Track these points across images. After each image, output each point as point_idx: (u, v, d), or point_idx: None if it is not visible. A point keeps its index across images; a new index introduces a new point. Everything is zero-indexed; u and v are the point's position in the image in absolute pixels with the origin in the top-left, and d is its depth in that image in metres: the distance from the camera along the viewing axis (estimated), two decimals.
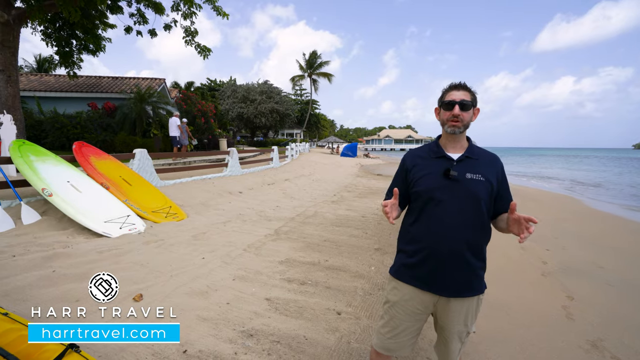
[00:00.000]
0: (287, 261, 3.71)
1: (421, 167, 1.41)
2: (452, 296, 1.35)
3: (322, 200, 7.89)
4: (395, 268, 1.49)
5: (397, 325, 1.44)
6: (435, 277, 1.34)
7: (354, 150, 31.91)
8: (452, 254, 1.31)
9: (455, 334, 1.40)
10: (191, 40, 10.08)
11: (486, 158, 1.40)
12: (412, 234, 1.41)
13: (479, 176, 1.33)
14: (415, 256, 1.38)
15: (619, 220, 7.68)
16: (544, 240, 5.40)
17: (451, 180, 1.32)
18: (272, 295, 2.86)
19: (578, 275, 3.93)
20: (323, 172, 14.70)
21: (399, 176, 1.52)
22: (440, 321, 1.43)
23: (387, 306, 1.49)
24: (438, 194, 1.33)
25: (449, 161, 1.37)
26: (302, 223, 5.55)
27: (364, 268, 3.67)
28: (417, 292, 1.40)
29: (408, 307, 1.42)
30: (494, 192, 1.35)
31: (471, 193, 1.31)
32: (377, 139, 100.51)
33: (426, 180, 1.37)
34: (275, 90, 32.45)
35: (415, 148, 1.53)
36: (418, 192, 1.38)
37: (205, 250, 3.90)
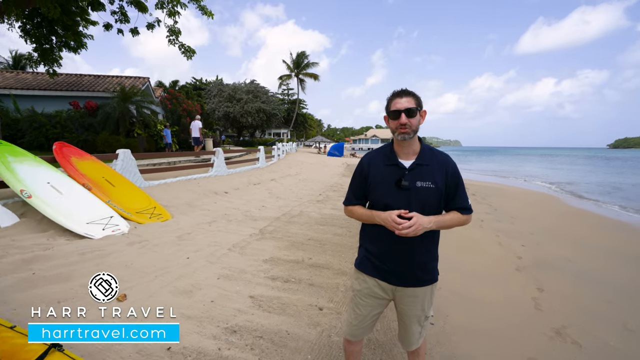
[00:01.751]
0: (272, 260, 3.78)
1: (376, 173, 1.46)
2: (408, 286, 1.49)
3: (308, 200, 7.98)
4: (359, 261, 1.61)
5: (359, 312, 1.57)
6: (392, 272, 1.48)
7: (340, 149, 32.11)
8: (405, 255, 1.44)
9: (414, 317, 1.54)
10: (175, 39, 9.97)
11: (437, 163, 1.43)
12: (370, 234, 1.53)
13: (429, 183, 1.39)
14: (373, 253, 1.51)
15: (590, 216, 8.06)
16: (521, 236, 5.64)
17: (403, 189, 1.39)
18: (256, 292, 2.93)
19: (549, 269, 4.15)
20: (309, 172, 14.78)
21: (358, 180, 1.53)
22: (400, 307, 1.56)
23: (352, 294, 1.62)
24: (390, 202, 1.40)
25: (401, 170, 1.41)
26: (287, 222, 5.62)
27: (346, 265, 3.78)
28: (377, 282, 1.52)
29: (370, 295, 1.54)
30: (443, 196, 1.43)
31: (421, 201, 1.38)
32: (364, 138, 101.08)
33: (380, 188, 1.44)
34: (262, 89, 32.30)
35: (372, 151, 1.54)
36: (374, 200, 1.48)
37: (190, 250, 3.92)
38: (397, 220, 1.32)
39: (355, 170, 1.56)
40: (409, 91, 1.42)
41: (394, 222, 1.33)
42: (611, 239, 5.81)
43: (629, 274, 4.13)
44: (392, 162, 1.44)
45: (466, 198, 1.47)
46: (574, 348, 2.50)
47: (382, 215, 1.39)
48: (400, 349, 2.25)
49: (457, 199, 1.45)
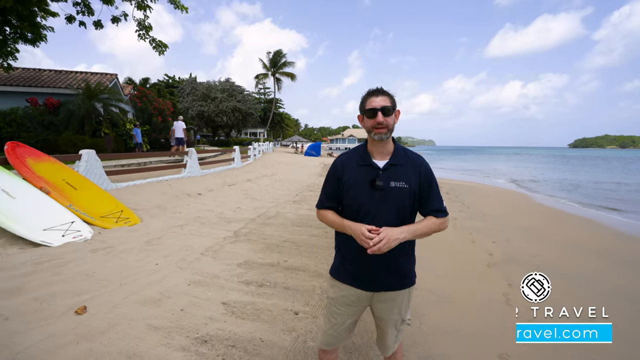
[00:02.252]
0: (246, 263, 3.67)
1: (350, 175, 1.42)
2: (385, 291, 1.45)
3: (284, 201, 7.88)
4: (334, 268, 1.55)
5: (337, 320, 1.52)
6: (368, 277, 1.42)
7: (317, 149, 32.12)
8: (381, 261, 1.40)
9: (391, 322, 1.52)
10: (145, 34, 9.54)
11: (410, 163, 1.41)
12: (345, 237, 1.45)
13: (403, 183, 1.36)
14: (349, 259, 1.46)
15: (554, 213, 8.50)
16: (492, 233, 5.83)
17: (377, 189, 1.36)
18: (229, 298, 2.82)
19: (518, 264, 4.30)
20: (286, 172, 14.65)
21: (331, 182, 1.48)
22: (377, 313, 1.53)
23: (327, 302, 1.57)
24: (365, 203, 1.37)
25: (375, 170, 1.38)
26: (262, 224, 5.50)
27: (322, 267, 3.73)
28: (353, 289, 1.47)
29: (346, 303, 1.49)
30: (417, 197, 1.40)
31: (395, 201, 1.36)
32: (341, 138, 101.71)
33: (354, 190, 1.39)
34: (238, 88, 31.71)
35: (344, 153, 1.50)
36: (348, 202, 1.41)
37: (159, 255, 3.74)
38: (367, 235, 1.28)
39: (329, 172, 1.50)
40: (384, 90, 1.40)
41: (363, 235, 1.29)
42: (573, 234, 6.14)
43: (590, 266, 4.36)
44: (366, 162, 1.41)
45: (441, 200, 1.44)
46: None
47: (353, 226, 1.35)
48: (377, 352, 2.22)
49: (430, 200, 1.42)
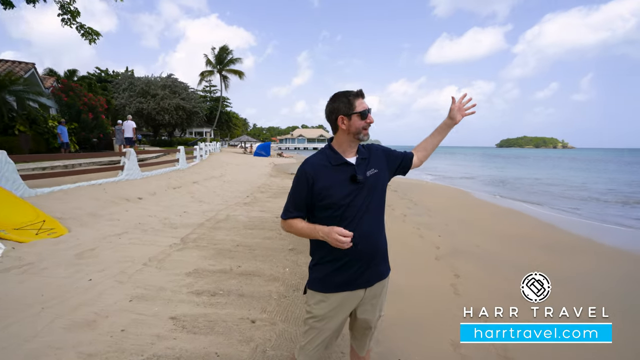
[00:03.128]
0: (196, 272, 3.42)
1: (326, 177, 1.39)
2: (377, 281, 1.47)
3: (235, 203, 7.57)
4: (318, 281, 1.45)
5: (325, 336, 1.45)
6: (362, 274, 1.42)
7: (267, 149, 31.60)
8: (374, 251, 1.43)
9: (373, 321, 1.53)
10: (71, 20, 8.45)
11: (371, 152, 1.51)
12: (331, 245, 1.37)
13: (375, 170, 1.45)
14: (340, 261, 1.40)
15: (488, 206, 9.38)
16: (438, 227, 6.20)
17: (358, 183, 1.38)
18: (178, 312, 2.59)
19: (463, 255, 4.62)
20: (235, 173, 14.15)
21: (301, 189, 1.41)
22: (361, 315, 1.49)
23: (312, 321, 1.45)
24: (350, 199, 1.37)
25: (350, 166, 1.41)
26: (212, 228, 5.21)
27: (278, 270, 3.63)
28: (345, 295, 1.42)
29: (336, 315, 1.44)
30: (387, 172, 1.53)
31: (374, 188, 1.43)
32: (290, 138, 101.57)
33: (336, 189, 1.37)
34: (181, 85, 29.83)
35: (311, 157, 1.46)
36: (331, 202, 1.37)
37: (93, 270, 3.32)
38: (343, 233, 1.28)
39: (297, 180, 1.42)
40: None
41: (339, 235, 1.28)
42: (505, 225, 6.81)
43: (521, 253, 4.85)
44: (341, 161, 1.42)
45: (401, 152, 1.63)
46: None
47: (324, 229, 1.32)
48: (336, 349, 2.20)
49: (397, 156, 1.59)
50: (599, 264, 4.56)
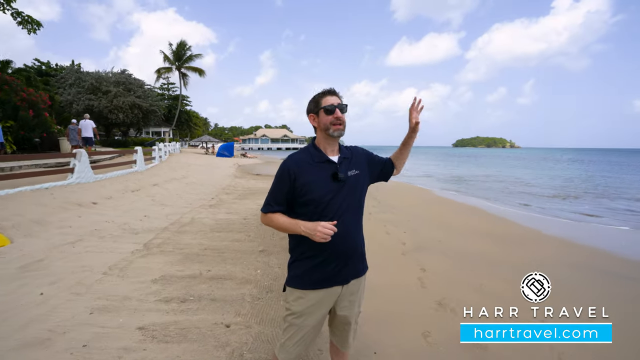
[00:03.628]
0: (163, 278, 3.26)
1: (308, 173, 1.41)
2: (354, 278, 1.51)
3: (199, 205, 7.31)
4: (297, 278, 1.47)
5: (305, 332, 1.46)
6: (340, 271, 1.45)
7: (230, 150, 30.79)
8: (352, 247, 1.47)
9: (353, 317, 1.57)
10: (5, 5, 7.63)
11: (354, 154, 1.56)
12: (311, 242, 1.38)
13: (356, 171, 1.49)
14: (318, 258, 1.42)
15: (448, 203, 9.93)
16: (402, 224, 6.45)
17: (339, 182, 1.41)
18: (146, 322, 2.46)
19: (427, 250, 4.86)
20: (198, 174, 13.64)
21: (283, 184, 1.43)
22: (341, 312, 1.52)
23: (292, 318, 1.46)
24: (331, 197, 1.40)
25: (333, 164, 1.44)
26: (177, 232, 4.99)
27: (250, 272, 3.58)
28: (323, 292, 1.45)
29: (315, 312, 1.45)
30: (368, 176, 1.57)
31: (354, 188, 1.47)
32: (254, 138, 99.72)
33: (318, 185, 1.39)
34: (137, 82, 28.04)
35: (294, 154, 1.49)
36: (312, 199, 1.39)
37: (43, 282, 3.04)
38: (328, 226, 1.31)
39: (280, 175, 1.44)
40: (336, 91, 1.48)
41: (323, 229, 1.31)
42: (464, 220, 7.26)
43: (481, 246, 5.21)
44: (323, 159, 1.45)
45: (383, 157, 1.68)
46: (452, 315, 2.96)
47: (308, 224, 1.34)
48: (314, 347, 2.23)
49: (378, 159, 1.64)
50: (548, 253, 5.03)
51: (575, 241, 5.84)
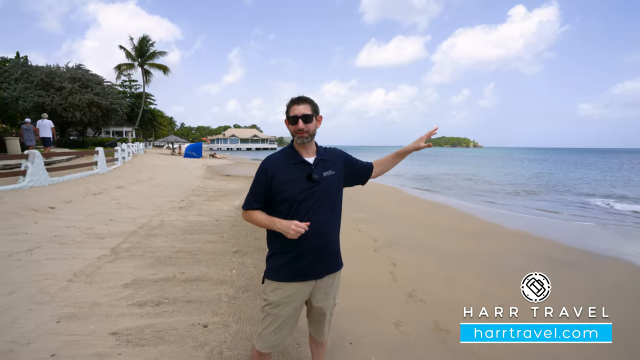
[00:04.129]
0: (135, 282, 3.18)
1: (283, 174, 1.49)
2: (327, 274, 1.59)
3: (169, 208, 7.10)
4: (273, 271, 1.55)
5: (281, 322, 1.53)
6: (313, 267, 1.53)
7: (198, 150, 29.92)
8: (325, 245, 1.54)
9: (328, 309, 1.66)
10: None
11: (331, 155, 1.63)
12: (285, 238, 1.47)
13: (332, 172, 1.57)
14: (290, 253, 1.51)
15: (417, 201, 10.35)
16: (373, 222, 6.67)
17: (314, 182, 1.50)
18: (119, 327, 2.40)
19: (398, 246, 5.07)
20: (165, 176, 13.16)
21: (260, 183, 1.52)
22: (317, 303, 1.61)
23: (269, 308, 1.54)
24: (305, 196, 1.48)
25: (308, 165, 1.52)
26: (147, 236, 4.84)
27: (225, 273, 3.57)
28: (297, 285, 1.53)
29: (290, 302, 1.53)
30: (343, 178, 1.65)
31: (329, 188, 1.55)
32: (222, 138, 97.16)
33: (293, 185, 1.48)
34: (95, 78, 26.34)
35: (272, 154, 1.57)
36: (287, 197, 1.47)
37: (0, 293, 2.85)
38: (300, 225, 1.40)
39: (258, 175, 1.53)
40: (306, 98, 1.53)
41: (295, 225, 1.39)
42: (432, 217, 7.63)
43: (447, 241, 5.52)
44: (299, 160, 1.53)
45: (362, 161, 1.75)
46: (421, 305, 3.15)
47: (283, 222, 1.43)
48: (292, 341, 2.30)
49: (357, 164, 1.72)
50: (509, 245, 5.43)
51: (532, 233, 6.35)
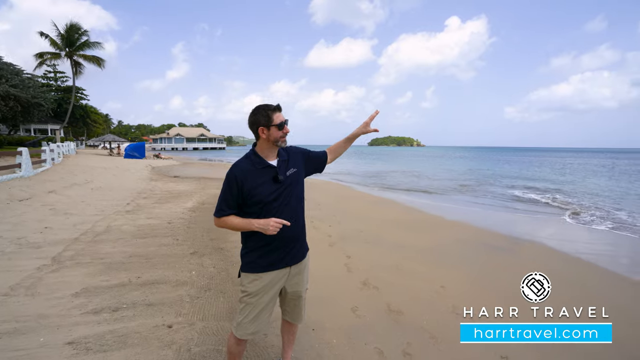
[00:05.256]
0: (86, 291, 3.03)
1: (252, 179, 1.62)
2: (299, 261, 1.79)
3: (114, 212, 6.65)
4: (250, 265, 1.70)
5: (259, 309, 1.69)
6: (286, 255, 1.72)
7: (141, 150, 27.88)
8: (295, 237, 1.74)
9: (303, 291, 1.87)
10: None
11: (290, 154, 1.79)
12: (260, 233, 1.63)
13: (294, 169, 1.75)
14: (267, 248, 1.68)
15: (366, 197, 10.91)
16: (327, 218, 6.95)
17: (279, 182, 1.66)
18: (75, 336, 2.31)
19: (350, 240, 5.39)
20: (105, 178, 12.15)
21: (232, 190, 1.62)
22: (291, 288, 1.80)
23: (247, 298, 1.69)
24: (274, 195, 1.65)
25: (273, 168, 1.68)
26: (92, 242, 4.54)
27: (184, 275, 3.55)
28: (275, 273, 1.71)
29: (269, 290, 1.71)
30: (304, 171, 1.83)
31: (295, 184, 1.73)
32: (166, 137, 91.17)
33: (262, 188, 1.62)
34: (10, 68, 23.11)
35: (238, 162, 1.68)
36: (258, 200, 1.62)
37: None
38: (279, 221, 1.56)
39: (228, 183, 1.63)
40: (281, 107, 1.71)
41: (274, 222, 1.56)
42: (381, 212, 8.15)
43: (395, 233, 5.98)
44: (264, 164, 1.67)
45: (317, 152, 1.93)
46: (374, 291, 3.46)
47: (260, 221, 1.58)
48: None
49: (313, 155, 1.89)
50: (448, 234, 6.06)
51: (467, 223, 7.14)
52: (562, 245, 5.69)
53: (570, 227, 7.36)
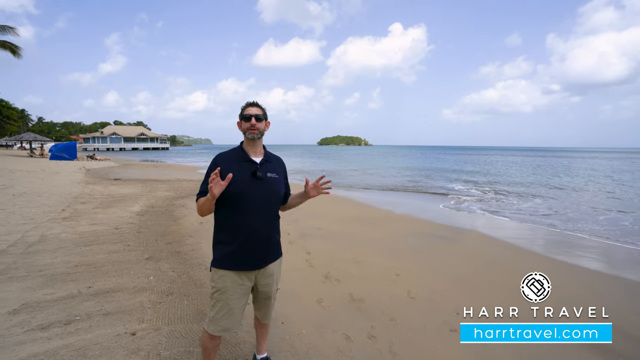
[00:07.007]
0: (26, 306, 2.74)
1: (230, 169, 1.62)
2: (267, 265, 1.78)
3: (47, 219, 5.98)
4: (217, 260, 1.70)
5: (230, 306, 1.69)
6: (253, 256, 1.70)
7: (72, 151, 25.05)
8: (264, 237, 1.73)
9: (272, 293, 1.88)
10: None
11: (276, 160, 1.84)
12: (230, 225, 1.66)
13: (276, 175, 1.77)
14: (233, 244, 1.66)
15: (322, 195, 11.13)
16: (284, 217, 6.86)
17: (258, 179, 1.69)
18: (21, 355, 2.11)
19: (310, 237, 5.53)
20: (30, 183, 10.76)
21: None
22: (262, 289, 1.81)
23: (217, 294, 1.68)
24: (249, 191, 1.66)
25: (254, 164, 1.71)
26: (25, 254, 4.07)
27: (142, 281, 3.38)
28: (243, 273, 1.71)
29: (237, 288, 1.70)
30: (283, 185, 1.84)
31: (272, 187, 1.75)
32: (100, 136, 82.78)
33: (239, 180, 1.64)
34: None
35: (224, 152, 1.74)
36: (232, 191, 1.62)
37: None
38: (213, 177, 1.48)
39: (209, 169, 1.67)
40: (258, 103, 1.77)
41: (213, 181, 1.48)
42: (336, 209, 8.41)
43: (351, 228, 6.26)
44: (246, 158, 1.72)
45: (288, 187, 1.94)
46: (336, 283, 3.64)
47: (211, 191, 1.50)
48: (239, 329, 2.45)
49: (287, 186, 1.93)
50: (398, 227, 6.50)
51: (414, 216, 7.71)
52: (494, 232, 6.48)
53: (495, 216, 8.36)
